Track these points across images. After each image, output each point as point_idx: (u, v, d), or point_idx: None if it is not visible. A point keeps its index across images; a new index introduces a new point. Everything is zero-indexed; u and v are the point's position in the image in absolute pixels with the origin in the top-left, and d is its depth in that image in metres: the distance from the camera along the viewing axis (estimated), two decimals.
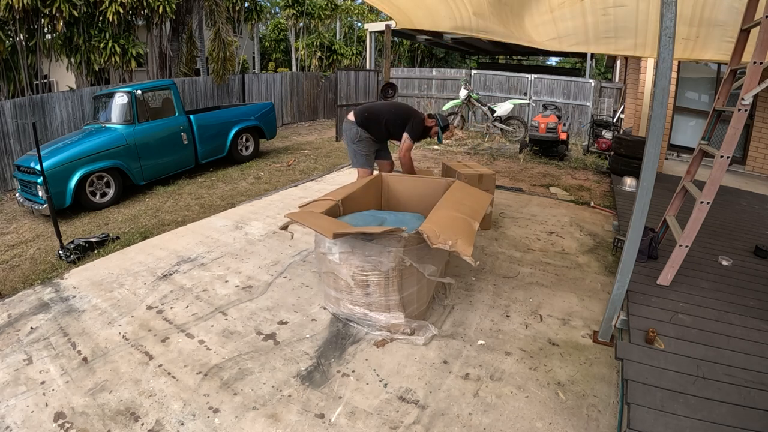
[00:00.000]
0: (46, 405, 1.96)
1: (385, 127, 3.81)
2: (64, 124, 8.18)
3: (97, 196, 5.68)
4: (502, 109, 9.57)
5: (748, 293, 2.63)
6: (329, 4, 18.61)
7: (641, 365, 1.91)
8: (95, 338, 2.45)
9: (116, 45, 10.81)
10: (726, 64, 3.06)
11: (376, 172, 3.77)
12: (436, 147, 8.58)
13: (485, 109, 9.70)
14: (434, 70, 12.72)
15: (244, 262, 3.41)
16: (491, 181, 4.06)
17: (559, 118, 7.54)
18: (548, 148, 7.50)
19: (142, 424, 1.85)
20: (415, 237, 2.28)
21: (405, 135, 3.69)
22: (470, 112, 10.41)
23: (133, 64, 11.21)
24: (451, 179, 3.43)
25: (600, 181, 6.16)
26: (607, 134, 7.51)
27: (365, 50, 16.11)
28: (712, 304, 2.48)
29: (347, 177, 6.16)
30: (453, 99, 10.49)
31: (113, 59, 10.86)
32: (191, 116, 6.87)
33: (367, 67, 13.12)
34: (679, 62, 6.31)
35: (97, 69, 11.14)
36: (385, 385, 2.09)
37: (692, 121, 7.11)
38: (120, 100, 6.17)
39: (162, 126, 6.35)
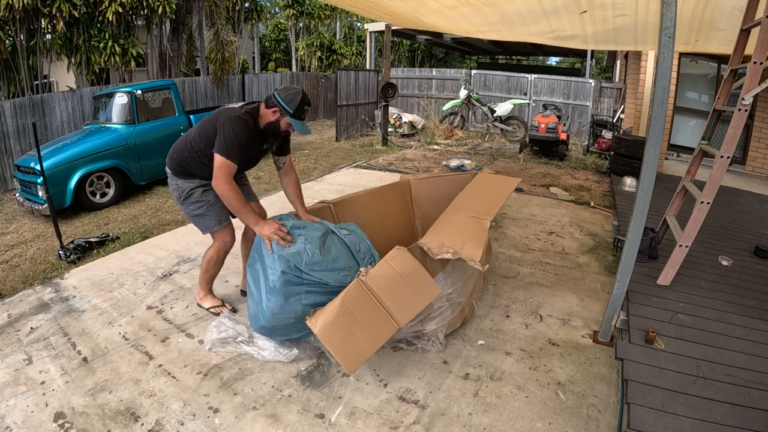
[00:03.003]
0: (46, 405, 1.96)
1: (201, 157, 2.36)
2: (64, 124, 8.18)
3: (97, 196, 5.69)
4: (502, 109, 9.58)
5: (748, 293, 2.63)
6: (329, 4, 18.62)
7: (641, 365, 1.91)
8: (95, 338, 2.45)
9: (116, 45, 10.82)
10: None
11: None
12: (436, 147, 8.58)
13: (485, 109, 9.71)
14: (434, 70, 12.72)
15: None
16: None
17: (559, 118, 7.55)
18: (548, 148, 7.50)
19: (142, 424, 1.85)
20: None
21: (214, 154, 2.20)
22: (470, 112, 10.41)
23: (133, 64, 11.22)
24: (476, 171, 3.13)
25: (600, 181, 6.16)
26: (607, 134, 7.51)
27: (365, 50, 16.11)
28: (712, 304, 2.48)
29: (347, 177, 6.16)
30: (453, 99, 10.50)
31: (113, 59, 10.87)
32: (191, 116, 6.87)
33: (367, 67, 13.12)
34: (680, 62, 6.31)
35: (97, 69, 11.15)
36: (385, 385, 2.09)
37: (692, 121, 7.11)
38: (120, 100, 6.17)
39: (162, 126, 6.36)
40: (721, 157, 2.44)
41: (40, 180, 4.99)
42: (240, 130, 2.21)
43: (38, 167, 4.07)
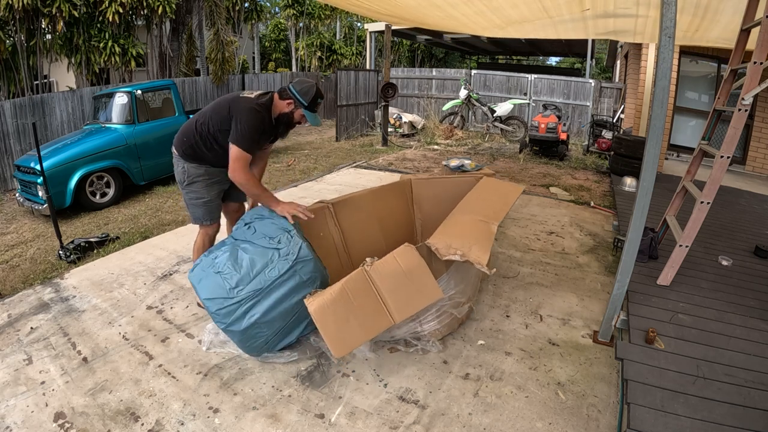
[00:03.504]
0: (46, 405, 1.96)
1: (206, 140, 2.44)
2: (64, 124, 8.18)
3: (97, 196, 5.69)
4: (502, 109, 9.58)
5: (748, 293, 2.63)
6: (329, 4, 18.63)
7: (641, 365, 1.91)
8: (95, 338, 2.45)
9: (116, 45, 10.83)
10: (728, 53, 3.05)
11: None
12: (436, 147, 8.58)
13: (485, 109, 9.70)
14: (434, 70, 12.72)
15: None
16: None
17: (559, 118, 7.55)
18: (548, 148, 7.50)
19: (142, 424, 1.85)
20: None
21: (231, 144, 2.27)
22: (470, 112, 10.41)
23: (133, 64, 11.22)
24: (480, 175, 3.16)
25: (600, 181, 6.16)
26: (607, 134, 7.51)
27: (365, 50, 16.11)
28: (712, 304, 2.48)
29: (347, 177, 6.16)
30: (453, 99, 10.50)
31: (113, 59, 10.87)
32: (191, 116, 6.87)
33: (367, 67, 13.12)
34: (680, 62, 6.31)
35: (97, 69, 11.15)
36: (385, 385, 2.09)
37: (692, 121, 7.11)
38: (120, 100, 6.17)
39: (162, 126, 6.35)
40: (721, 157, 2.44)
41: (40, 180, 4.99)
42: (256, 123, 2.29)
43: (38, 167, 4.07)
